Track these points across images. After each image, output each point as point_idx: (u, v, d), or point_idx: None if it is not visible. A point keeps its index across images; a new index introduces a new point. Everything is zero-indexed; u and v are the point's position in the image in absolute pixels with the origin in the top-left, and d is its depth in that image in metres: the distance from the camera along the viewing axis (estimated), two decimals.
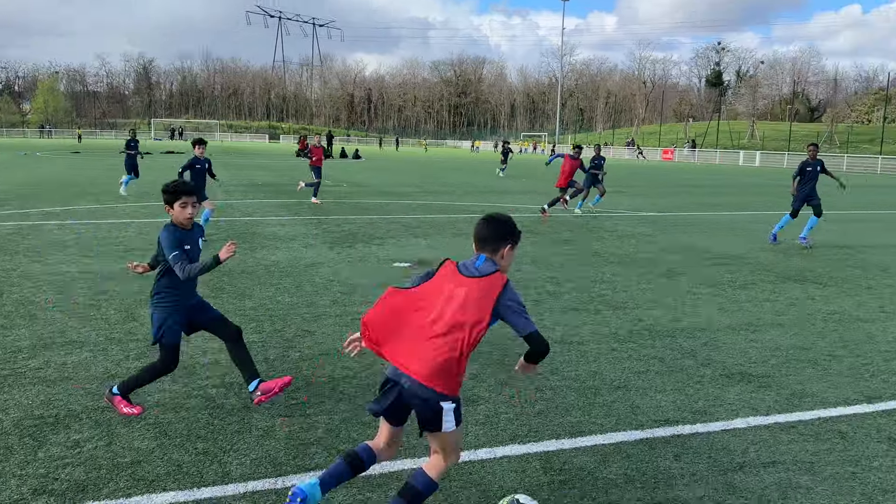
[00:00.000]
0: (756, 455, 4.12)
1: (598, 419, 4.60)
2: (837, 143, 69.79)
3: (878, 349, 6.32)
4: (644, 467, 3.94)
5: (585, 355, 5.96)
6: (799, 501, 3.60)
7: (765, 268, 10.31)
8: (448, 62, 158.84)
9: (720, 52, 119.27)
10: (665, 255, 11.34)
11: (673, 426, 4.51)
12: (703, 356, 6.01)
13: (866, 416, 4.76)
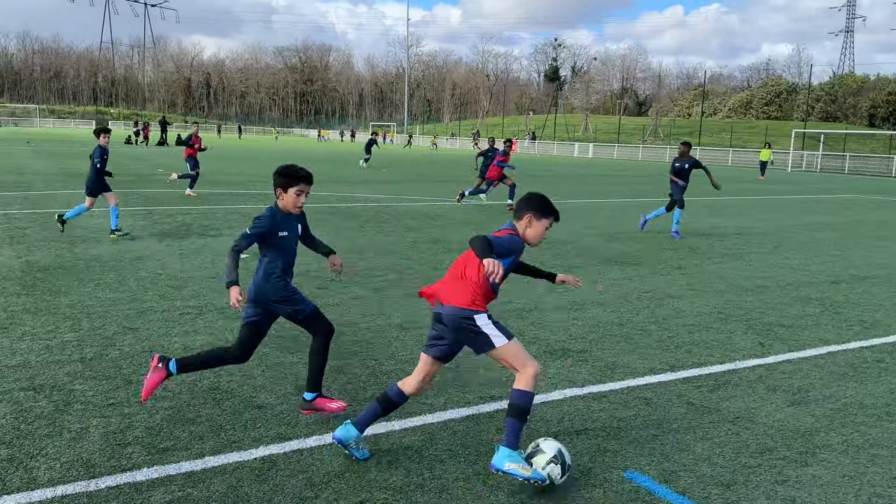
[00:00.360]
0: (570, 424, 4.43)
1: (430, 399, 4.73)
2: (661, 136, 75.50)
3: (684, 323, 6.95)
4: (469, 441, 4.12)
5: (422, 339, 6.08)
6: (606, 464, 3.91)
7: (590, 252, 11.00)
8: (293, 48, 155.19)
9: (557, 49, 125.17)
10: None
11: (497, 401, 4.74)
12: (530, 335, 6.33)
13: (669, 383, 5.23)
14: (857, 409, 4.84)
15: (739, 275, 9.42)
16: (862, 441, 4.31)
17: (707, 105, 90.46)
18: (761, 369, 5.61)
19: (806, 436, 4.37)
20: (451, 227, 13.25)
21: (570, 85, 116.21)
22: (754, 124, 76.22)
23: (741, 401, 4.92)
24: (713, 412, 4.69)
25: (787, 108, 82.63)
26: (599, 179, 30.98)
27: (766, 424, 4.52)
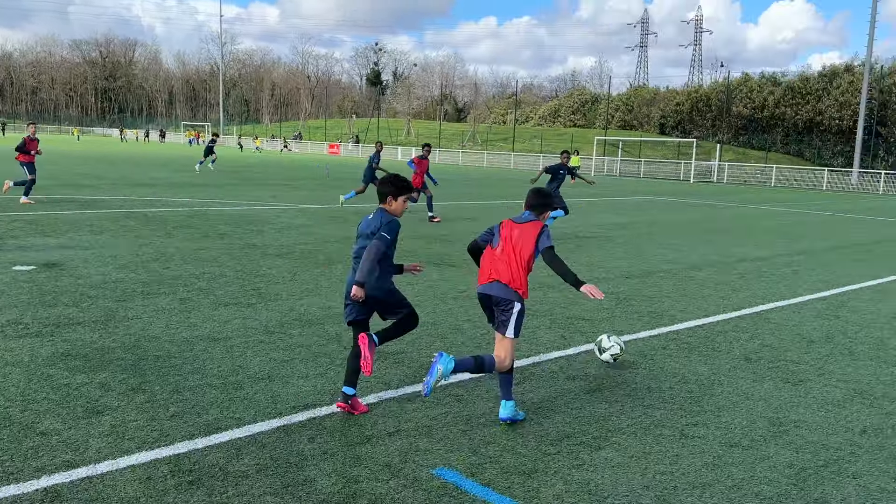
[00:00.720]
0: (384, 426, 4.44)
1: (238, 413, 4.54)
2: (479, 142, 78.43)
3: None
4: (278, 454, 4.00)
5: (231, 350, 5.85)
6: (417, 463, 3.96)
7: (410, 254, 11.16)
8: (93, 42, 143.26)
9: (378, 53, 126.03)
10: (324, 245, 11.65)
11: (311, 410, 4.65)
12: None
13: (479, 379, 5.40)
14: (644, 392, 5.29)
15: (546, 273, 9.96)
16: (648, 423, 4.72)
17: (520, 113, 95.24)
18: (562, 360, 5.97)
19: (600, 421, 4.70)
20: (270, 233, 12.89)
21: (393, 89, 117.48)
22: (563, 131, 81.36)
23: (544, 391, 5.20)
24: (519, 404, 4.91)
25: (590, 116, 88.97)
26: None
27: (564, 412, 4.81)
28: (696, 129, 72.18)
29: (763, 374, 5.85)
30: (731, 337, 6.99)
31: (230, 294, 7.87)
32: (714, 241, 14.31)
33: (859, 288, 9.80)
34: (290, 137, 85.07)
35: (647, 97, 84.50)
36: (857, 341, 7.00)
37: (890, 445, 4.47)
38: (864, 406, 5.18)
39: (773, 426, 4.75)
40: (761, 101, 65.93)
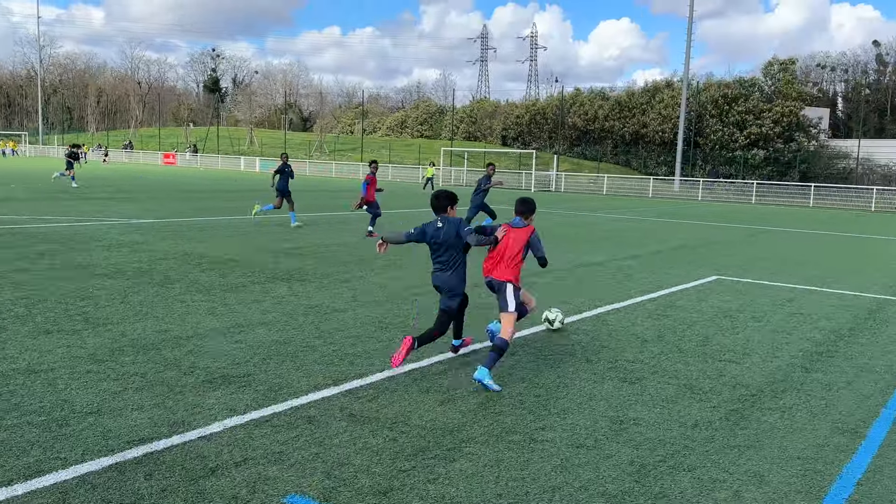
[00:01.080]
0: (230, 456, 4.20)
1: (63, 453, 4.12)
2: (327, 151, 77.54)
3: (348, 335, 7.11)
4: (111, 495, 3.66)
5: (55, 383, 5.32)
6: (266, 493, 3.77)
7: (257, 269, 10.76)
8: None
9: (216, 59, 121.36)
10: (159, 263, 10.96)
11: (148, 444, 4.31)
12: (187, 364, 5.93)
13: (332, 398, 5.28)
14: (495, 400, 5.38)
15: (398, 284, 9.97)
16: (500, 430, 4.80)
17: (367, 123, 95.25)
18: (416, 373, 5.96)
19: (454, 432, 4.72)
20: (97, 252, 11.95)
21: (233, 97, 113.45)
22: (410, 142, 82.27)
23: (398, 405, 5.16)
24: (373, 420, 4.84)
25: (437, 127, 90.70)
26: (272, 195, 30.62)
27: (419, 426, 4.79)
28: (535, 140, 75.58)
29: (603, 375, 6.15)
30: (572, 340, 7.31)
31: (52, 320, 7.19)
32: (554, 248, 14.96)
33: (685, 288, 10.60)
34: (110, 147, 79.31)
35: (489, 110, 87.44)
36: (685, 339, 7.55)
37: (719, 437, 4.83)
38: (694, 401, 5.57)
39: (615, 425, 4.98)
40: (593, 114, 70.16)
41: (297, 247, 13.50)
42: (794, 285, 11.22)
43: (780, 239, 19.25)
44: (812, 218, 29.10)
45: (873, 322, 8.70)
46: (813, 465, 4.42)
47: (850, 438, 4.86)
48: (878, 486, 4.16)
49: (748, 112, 58.76)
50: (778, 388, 5.94)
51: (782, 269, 12.96)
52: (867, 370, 6.56)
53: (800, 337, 7.79)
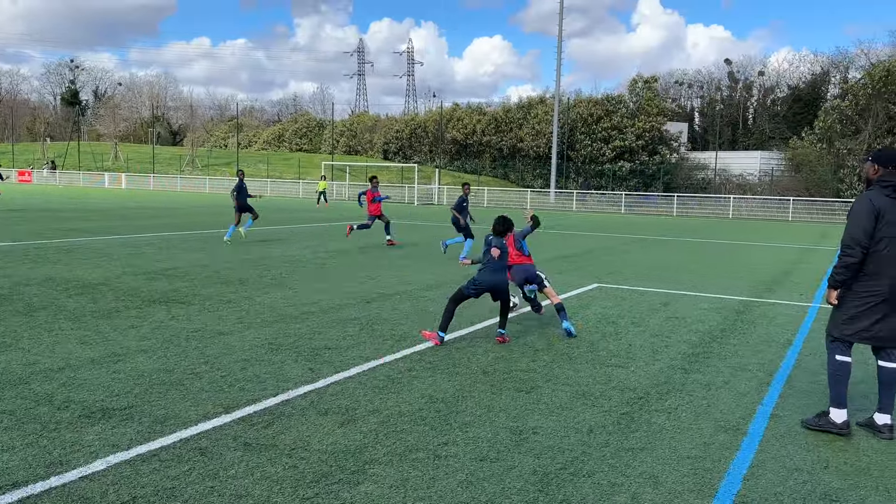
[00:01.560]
0: (116, 496, 3.90)
1: None
2: (199, 166, 74.64)
3: (237, 359, 6.82)
4: None
5: None
6: None
7: (131, 293, 10.15)
8: None
9: (75, 71, 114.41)
10: (20, 289, 10.12)
11: (23, 487, 3.93)
12: (61, 398, 5.48)
13: (224, 426, 5.03)
14: (397, 418, 5.32)
15: (286, 303, 9.70)
16: (403, 448, 4.74)
17: (242, 136, 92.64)
18: (312, 395, 5.79)
19: (356, 454, 4.62)
20: None
21: (94, 110, 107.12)
22: (289, 156, 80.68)
23: (296, 430, 4.99)
24: (270, 448, 4.65)
25: (316, 141, 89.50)
26: (139, 213, 29.09)
27: (319, 450, 4.65)
28: (416, 154, 76.19)
29: (500, 386, 6.22)
30: (468, 352, 7.36)
31: None
32: (441, 262, 15.09)
33: (568, 297, 10.94)
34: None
35: (368, 123, 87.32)
36: (573, 346, 7.78)
37: (614, 441, 4.99)
38: (587, 406, 5.74)
39: (515, 435, 5.04)
40: (471, 128, 71.60)
41: (173, 267, 12.87)
42: (668, 290, 11.85)
43: (650, 247, 20.33)
44: (677, 226, 30.95)
45: (741, 323, 9.32)
46: (702, 463, 4.65)
47: (733, 435, 5.16)
48: (763, 480, 4.43)
49: (614, 128, 61.91)
50: (662, 390, 6.23)
51: (655, 276, 13.68)
52: (741, 369, 7.01)
53: (677, 340, 8.21)
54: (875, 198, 5.13)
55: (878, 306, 5.15)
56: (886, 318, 5.16)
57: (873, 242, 5.10)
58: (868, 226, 5.08)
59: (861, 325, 5.21)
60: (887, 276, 5.11)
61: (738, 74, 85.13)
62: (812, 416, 5.48)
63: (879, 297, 5.13)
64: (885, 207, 5.10)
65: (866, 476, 4.53)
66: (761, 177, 56.18)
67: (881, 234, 5.09)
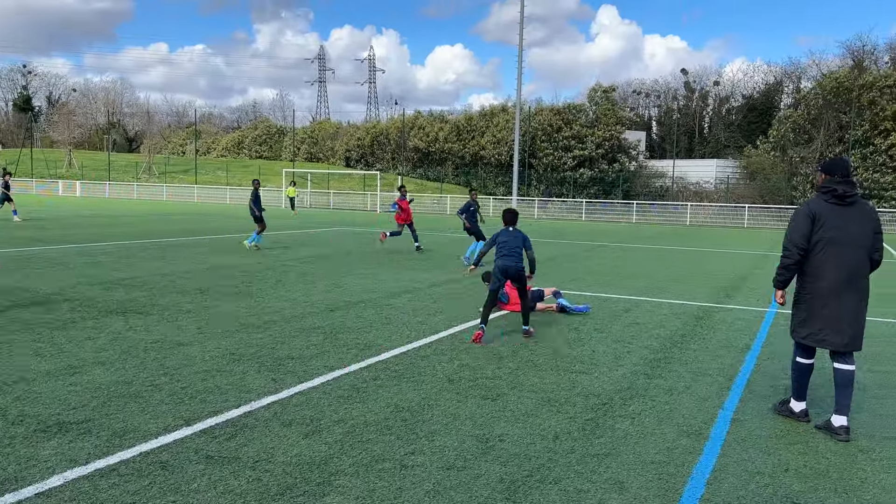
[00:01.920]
0: None
1: None
2: (156, 174, 73.34)
3: (197, 370, 6.69)
4: None
5: None
6: None
7: (87, 303, 9.91)
8: None
9: (27, 76, 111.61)
10: None
11: None
12: (15, 413, 5.32)
13: (186, 439, 4.93)
14: (362, 428, 5.27)
15: (248, 312, 9.57)
16: (369, 459, 4.70)
17: (201, 143, 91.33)
18: (276, 406, 5.71)
19: (321, 465, 4.56)
20: None
21: (48, 117, 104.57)
22: (249, 163, 79.73)
23: (259, 443, 4.91)
24: (233, 461, 4.57)
25: (276, 148, 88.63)
26: (95, 221, 28.42)
27: (284, 462, 4.58)
28: (378, 161, 75.96)
29: (466, 393, 6.22)
30: (433, 360, 7.34)
31: None
32: (406, 269, 15.05)
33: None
34: None
35: (330, 131, 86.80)
36: (537, 353, 7.82)
37: (580, 448, 5.02)
38: (552, 413, 5.77)
39: (481, 443, 5.04)
40: (433, 136, 71.70)
41: (131, 276, 12.60)
42: (629, 296, 12.00)
43: (611, 253, 20.56)
44: (637, 233, 31.38)
45: (701, 328, 9.47)
46: (666, 468, 4.70)
47: (696, 440, 5.23)
48: (726, 484, 4.50)
49: (574, 136, 62.62)
50: (626, 396, 6.29)
51: (617, 282, 13.83)
52: (702, 374, 7.12)
53: (639, 345, 8.31)
54: (814, 203, 5.47)
55: (822, 309, 5.42)
56: (831, 321, 5.41)
57: (811, 245, 5.42)
58: (804, 229, 5.41)
59: (810, 329, 5.51)
60: (825, 279, 5.39)
61: (694, 84, 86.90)
62: (778, 403, 5.99)
63: (820, 299, 5.42)
64: (822, 212, 5.40)
65: (825, 479, 4.63)
66: (717, 184, 57.33)
67: (817, 237, 5.39)
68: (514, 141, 48.33)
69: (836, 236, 5.36)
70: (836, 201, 5.41)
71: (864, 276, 5.44)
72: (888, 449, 5.17)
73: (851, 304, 5.40)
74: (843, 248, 5.36)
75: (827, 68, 61.96)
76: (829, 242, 5.37)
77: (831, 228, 5.37)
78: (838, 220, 5.38)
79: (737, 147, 67.00)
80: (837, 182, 5.42)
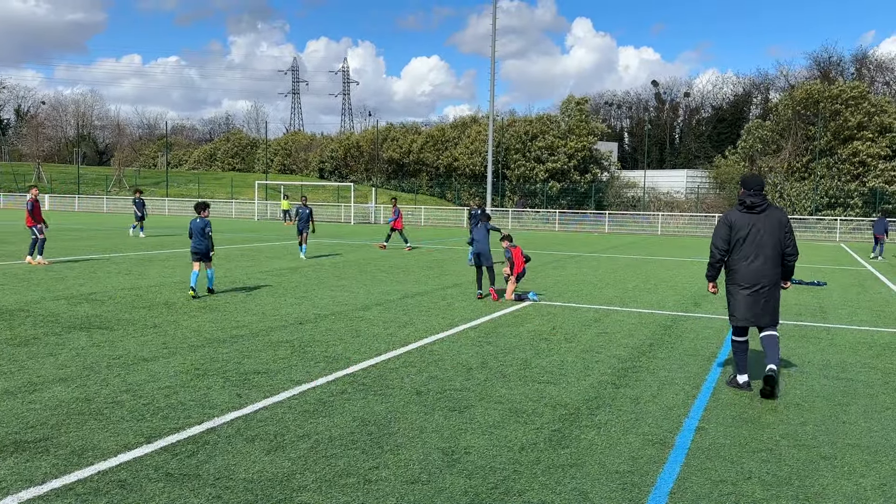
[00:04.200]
0: None
1: None
2: (126, 186, 72.44)
3: (160, 386, 6.59)
4: None
5: None
6: None
7: (51, 319, 9.73)
8: None
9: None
10: None
11: None
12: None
13: (146, 457, 4.84)
14: (327, 443, 5.22)
15: (215, 326, 9.46)
16: (333, 474, 4.64)
17: (172, 156, 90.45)
18: (239, 422, 5.63)
19: (284, 482, 4.50)
20: None
21: (17, 130, 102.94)
22: (221, 175, 79.08)
23: (221, 459, 4.83)
24: (193, 478, 4.49)
25: (249, 160, 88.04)
26: (62, 235, 27.95)
27: (246, 479, 4.52)
28: (352, 173, 75.81)
29: (433, 406, 6.19)
30: (402, 373, 7.30)
31: None
32: (378, 281, 14.99)
33: (503, 314, 11.02)
34: None
35: (303, 142, 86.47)
36: (507, 364, 7.82)
37: (545, 459, 5.01)
38: (519, 424, 5.76)
39: (447, 456, 5.01)
40: (407, 147, 71.77)
41: (95, 291, 12.40)
42: (599, 306, 12.07)
43: (583, 263, 20.68)
44: (609, 243, 31.61)
45: (669, 337, 9.55)
46: (630, 478, 4.71)
47: (660, 449, 5.25)
48: (689, 493, 4.51)
49: (546, 148, 63.03)
50: (593, 406, 6.31)
51: (587, 292, 13.91)
52: (669, 382, 7.17)
53: (607, 355, 8.35)
54: (731, 213, 6.85)
55: (740, 295, 6.75)
56: (746, 305, 6.71)
57: (730, 246, 6.75)
58: (724, 233, 6.77)
59: (737, 313, 6.80)
60: (740, 273, 6.73)
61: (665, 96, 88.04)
62: (728, 379, 7.16)
63: (738, 288, 6.75)
64: (736, 220, 6.74)
65: (788, 486, 4.67)
66: (688, 194, 58.08)
67: (734, 239, 6.70)
68: (488, 151, 48.54)
69: (747, 238, 6.68)
70: (747, 210, 6.72)
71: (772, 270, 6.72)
72: (849, 455, 5.24)
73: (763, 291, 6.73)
74: (751, 248, 6.67)
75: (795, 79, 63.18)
76: (741, 241, 6.68)
77: (742, 231, 6.69)
78: (748, 226, 6.68)
79: (706, 157, 67.94)
80: (749, 195, 6.70)
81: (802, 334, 9.97)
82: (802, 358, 8.43)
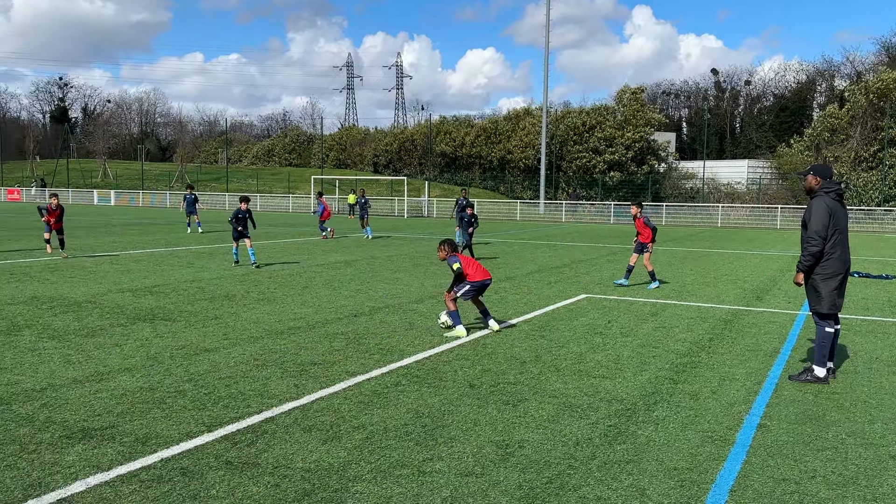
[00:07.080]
0: None
1: None
2: (188, 182, 74.45)
3: (221, 376, 6.75)
4: None
5: None
6: None
7: (116, 310, 10.07)
8: None
9: (64, 88, 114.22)
10: (5, 308, 10.03)
11: None
12: (42, 419, 5.41)
13: (206, 445, 4.97)
14: (381, 434, 5.26)
15: (273, 318, 9.64)
16: (387, 465, 4.68)
17: (232, 152, 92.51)
18: (297, 412, 5.73)
19: (340, 471, 4.56)
20: None
21: (84, 128, 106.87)
22: (279, 171, 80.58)
23: (279, 448, 4.93)
24: (252, 467, 4.59)
25: (305, 155, 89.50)
26: (127, 229, 28.92)
27: (303, 468, 4.59)
28: (406, 167, 76.21)
29: (486, 399, 6.18)
30: (455, 366, 7.31)
31: None
32: (431, 274, 15.05)
33: (557, 308, 10.93)
34: None
35: (358, 137, 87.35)
36: (561, 358, 7.75)
37: (600, 454, 4.95)
38: (573, 419, 5.70)
39: (500, 449, 5.00)
40: (460, 140, 71.77)
41: (158, 284, 12.78)
42: (655, 300, 11.85)
43: None
44: (666, 235, 31.00)
45: (729, 332, 9.31)
46: (689, 475, 4.61)
47: (720, 446, 5.13)
48: (750, 491, 4.39)
49: (604, 139, 62.15)
50: (650, 401, 6.20)
51: (643, 285, 13.67)
52: (729, 378, 6.99)
53: (665, 350, 8.19)
54: (826, 200, 6.81)
55: (835, 282, 6.77)
56: (840, 292, 6.83)
57: (829, 234, 6.73)
58: (827, 222, 6.72)
59: (837, 301, 6.82)
60: (839, 260, 6.77)
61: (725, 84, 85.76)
62: (797, 373, 7.02)
63: (836, 275, 6.78)
64: (834, 208, 6.79)
65: (854, 486, 4.51)
66: (749, 185, 56.47)
67: (832, 227, 6.73)
68: (542, 143, 48.09)
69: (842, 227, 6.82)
70: (839, 199, 6.85)
71: None
72: None
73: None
74: (843, 235, 6.81)
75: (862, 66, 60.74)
76: (839, 230, 6.77)
77: (841, 219, 6.78)
78: (842, 215, 6.83)
79: (768, 147, 65.93)
80: (837, 184, 6.86)
81: (870, 329, 9.60)
82: (870, 354, 8.11)
